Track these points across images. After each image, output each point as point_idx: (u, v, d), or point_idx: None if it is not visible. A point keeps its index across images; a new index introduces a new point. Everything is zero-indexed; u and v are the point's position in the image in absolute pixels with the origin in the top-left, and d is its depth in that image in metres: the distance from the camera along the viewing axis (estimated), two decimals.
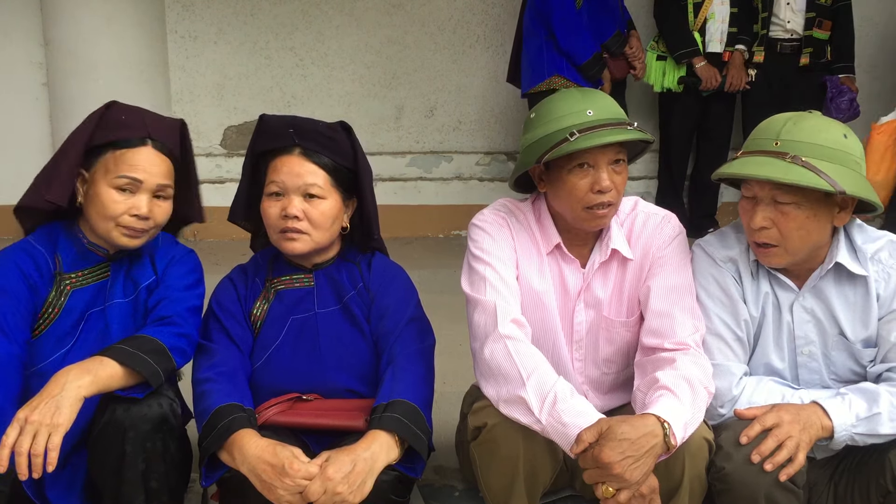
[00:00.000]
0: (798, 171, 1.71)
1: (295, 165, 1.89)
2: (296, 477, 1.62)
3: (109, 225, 1.85)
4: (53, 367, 1.82)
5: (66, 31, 4.77)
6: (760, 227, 1.79)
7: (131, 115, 1.92)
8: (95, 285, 1.92)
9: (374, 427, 1.74)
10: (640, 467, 1.60)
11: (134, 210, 1.85)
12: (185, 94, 5.31)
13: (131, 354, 1.74)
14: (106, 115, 1.90)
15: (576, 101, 1.86)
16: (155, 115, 1.97)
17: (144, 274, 1.96)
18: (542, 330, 1.96)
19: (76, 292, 1.90)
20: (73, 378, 1.66)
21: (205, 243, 5.04)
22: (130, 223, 1.85)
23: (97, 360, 1.71)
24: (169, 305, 1.91)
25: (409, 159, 5.37)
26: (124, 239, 1.87)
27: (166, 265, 1.98)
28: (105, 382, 1.70)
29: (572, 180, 1.84)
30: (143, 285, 1.95)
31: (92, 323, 1.91)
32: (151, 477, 1.72)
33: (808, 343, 1.90)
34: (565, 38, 4.29)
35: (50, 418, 1.59)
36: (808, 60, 4.63)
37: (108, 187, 1.84)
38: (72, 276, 1.91)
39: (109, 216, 1.85)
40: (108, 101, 1.95)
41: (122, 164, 1.85)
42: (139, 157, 1.86)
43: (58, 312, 1.88)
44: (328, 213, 1.91)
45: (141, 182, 1.85)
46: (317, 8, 5.29)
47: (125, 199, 1.85)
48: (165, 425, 1.73)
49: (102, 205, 1.84)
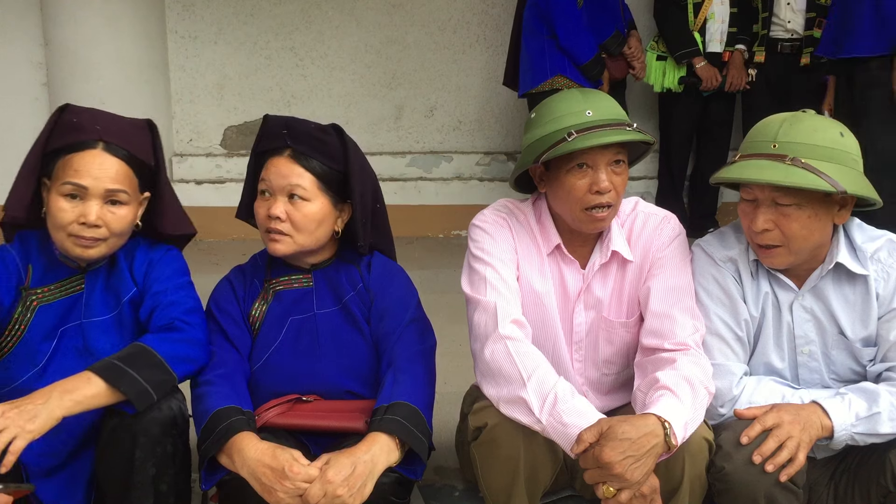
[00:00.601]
0: (799, 174, 1.71)
1: (283, 167, 1.88)
2: (296, 480, 1.62)
3: (62, 235, 1.75)
4: (29, 385, 1.77)
5: (66, 31, 4.77)
6: (763, 230, 1.79)
7: (83, 117, 1.79)
8: (67, 300, 1.84)
9: (375, 429, 1.74)
10: (641, 467, 1.60)
11: (82, 218, 1.73)
12: (185, 94, 5.30)
13: (121, 373, 1.66)
14: (60, 119, 1.79)
15: (576, 102, 1.86)
16: (112, 115, 1.85)
17: (124, 286, 1.87)
18: (542, 330, 1.96)
19: (44, 308, 1.82)
20: (56, 396, 1.61)
21: (205, 243, 5.04)
22: (79, 231, 1.74)
23: (85, 379, 1.65)
24: (166, 312, 1.83)
25: (409, 159, 5.37)
26: (77, 249, 1.76)
27: (146, 271, 1.89)
28: (90, 403, 1.64)
29: (571, 181, 1.84)
30: (126, 299, 1.87)
31: (67, 340, 1.83)
32: (161, 480, 1.70)
33: (807, 342, 1.90)
34: (567, 38, 4.28)
35: (24, 422, 1.56)
36: (808, 60, 4.63)
37: (57, 195, 1.74)
38: (38, 291, 1.83)
39: (59, 226, 1.75)
40: (62, 105, 1.84)
41: (68, 169, 1.74)
42: (85, 161, 1.74)
43: (24, 329, 1.81)
44: (312, 216, 1.89)
45: (86, 188, 1.73)
46: (317, 8, 5.29)
47: (73, 206, 1.74)
48: (175, 428, 1.72)
49: (52, 214, 1.75)
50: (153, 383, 1.69)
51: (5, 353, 1.82)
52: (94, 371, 1.67)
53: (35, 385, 1.78)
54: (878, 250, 1.87)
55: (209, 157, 5.31)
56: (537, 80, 4.39)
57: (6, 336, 1.81)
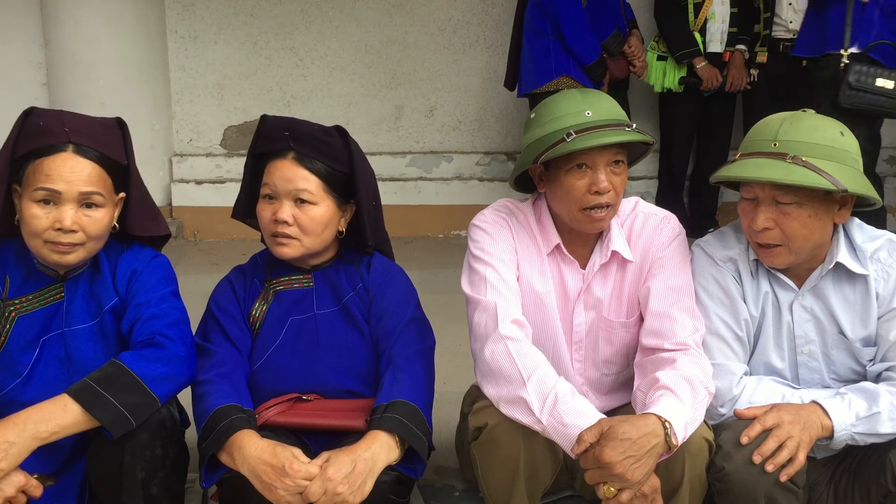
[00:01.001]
0: (800, 172, 1.71)
1: (287, 170, 1.87)
2: (296, 477, 1.62)
3: (37, 242, 1.71)
4: (13, 396, 1.77)
5: (66, 31, 4.78)
6: (763, 229, 1.79)
7: (50, 120, 1.74)
8: (46, 309, 1.80)
9: (375, 427, 1.74)
10: (642, 467, 1.60)
11: (57, 224, 1.68)
12: (185, 94, 5.31)
13: (97, 398, 1.63)
14: (26, 123, 1.74)
15: (575, 102, 1.86)
16: (80, 116, 1.79)
17: (107, 294, 1.83)
18: (542, 330, 1.95)
19: (23, 318, 1.79)
20: (31, 426, 1.58)
21: (205, 243, 5.04)
22: (55, 238, 1.69)
23: (61, 405, 1.62)
24: (147, 325, 1.78)
25: (409, 159, 5.37)
26: (55, 256, 1.72)
27: (129, 281, 1.83)
28: (68, 430, 1.62)
29: (570, 181, 1.84)
30: (107, 308, 1.82)
31: (49, 350, 1.80)
32: (151, 483, 1.70)
33: (807, 342, 1.90)
34: (573, 38, 4.25)
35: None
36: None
37: (30, 201, 1.69)
38: (16, 301, 1.79)
39: (34, 233, 1.70)
40: (27, 108, 1.79)
41: (39, 174, 1.69)
42: (55, 164, 1.69)
43: (3, 340, 1.78)
44: (319, 219, 1.88)
45: (60, 192, 1.68)
46: (317, 8, 5.29)
47: (47, 212, 1.69)
48: (164, 431, 1.71)
49: (25, 222, 1.70)
50: (131, 407, 1.65)
51: None
52: (71, 395, 1.63)
53: (19, 395, 1.77)
54: (878, 250, 1.87)
55: (209, 157, 5.31)
56: (542, 81, 4.36)
57: None
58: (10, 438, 1.57)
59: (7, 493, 1.56)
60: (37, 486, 1.61)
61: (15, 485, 1.58)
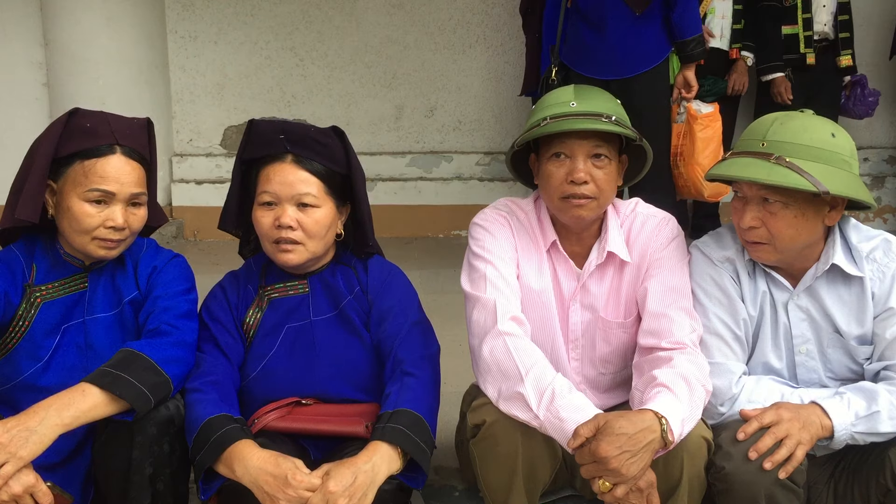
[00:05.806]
0: (781, 172, 1.72)
1: (288, 174, 1.84)
2: (299, 488, 1.62)
3: (85, 239, 1.80)
4: (33, 380, 1.80)
5: (66, 31, 4.78)
6: (749, 227, 1.81)
7: (97, 122, 1.82)
8: (70, 297, 1.87)
9: (377, 438, 1.71)
10: (638, 462, 1.60)
11: (109, 222, 1.79)
12: (185, 94, 5.31)
13: (115, 378, 1.67)
14: (70, 124, 1.81)
15: (565, 94, 1.91)
16: (120, 118, 1.87)
17: (128, 286, 1.90)
18: (540, 328, 1.96)
19: (48, 305, 1.84)
20: (53, 412, 1.60)
21: (205, 243, 5.04)
22: (107, 235, 1.80)
23: (80, 391, 1.65)
24: (158, 316, 1.85)
25: (409, 159, 5.36)
26: (101, 251, 1.81)
27: (149, 276, 1.92)
28: (89, 415, 1.64)
29: (549, 169, 1.88)
30: (127, 299, 1.90)
31: (69, 337, 1.85)
32: (158, 479, 1.70)
33: (804, 342, 1.90)
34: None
35: (15, 447, 1.54)
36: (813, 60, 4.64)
37: (81, 200, 1.78)
38: (42, 288, 1.85)
39: (84, 230, 1.79)
40: (71, 109, 1.85)
41: (92, 175, 1.78)
42: (109, 167, 1.79)
43: (28, 325, 1.83)
44: (322, 221, 1.86)
45: (114, 194, 1.79)
46: (317, 8, 5.29)
47: (99, 211, 1.79)
48: (172, 427, 1.72)
49: (76, 219, 1.78)
50: (148, 385, 1.69)
51: (11, 348, 1.84)
52: (89, 381, 1.66)
53: (39, 380, 1.81)
54: (874, 250, 1.87)
55: (209, 157, 5.32)
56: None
57: (11, 332, 1.83)
58: (31, 426, 1.58)
59: (14, 490, 1.55)
60: (46, 493, 1.60)
61: (23, 484, 1.57)
